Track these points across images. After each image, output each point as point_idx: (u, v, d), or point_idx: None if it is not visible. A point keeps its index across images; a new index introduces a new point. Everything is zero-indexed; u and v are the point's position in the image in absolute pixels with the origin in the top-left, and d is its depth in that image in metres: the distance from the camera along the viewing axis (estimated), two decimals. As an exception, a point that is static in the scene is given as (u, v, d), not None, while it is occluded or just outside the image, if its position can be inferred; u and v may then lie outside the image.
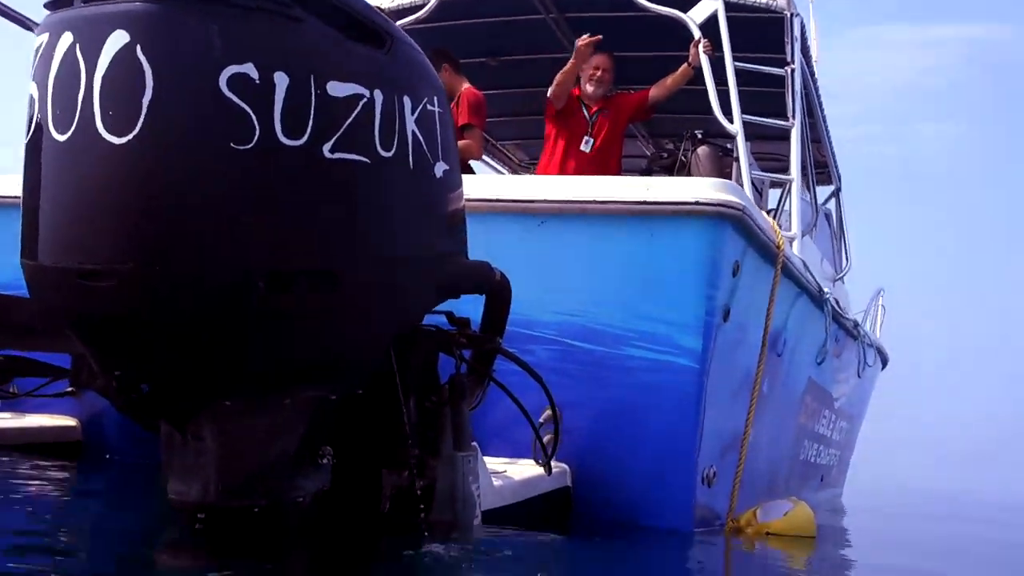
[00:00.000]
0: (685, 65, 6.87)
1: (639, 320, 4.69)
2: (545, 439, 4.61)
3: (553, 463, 4.26)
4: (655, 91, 7.28)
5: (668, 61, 6.99)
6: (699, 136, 7.50)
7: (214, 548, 2.91)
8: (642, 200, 4.60)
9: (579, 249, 4.79)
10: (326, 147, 2.58)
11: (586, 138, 7.05)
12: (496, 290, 3.46)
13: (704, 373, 4.66)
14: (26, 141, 2.56)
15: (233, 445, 2.79)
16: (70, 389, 5.41)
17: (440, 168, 3.02)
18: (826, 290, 7.01)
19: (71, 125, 2.42)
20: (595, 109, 7.14)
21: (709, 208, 4.52)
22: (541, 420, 4.66)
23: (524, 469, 4.51)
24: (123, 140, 2.36)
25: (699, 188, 4.57)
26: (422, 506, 3.37)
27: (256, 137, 2.46)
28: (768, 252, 5.22)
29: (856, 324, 8.57)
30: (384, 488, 3.33)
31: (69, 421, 5.47)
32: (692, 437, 4.62)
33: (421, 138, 2.91)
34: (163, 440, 2.94)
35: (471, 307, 3.45)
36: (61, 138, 2.44)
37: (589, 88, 7.14)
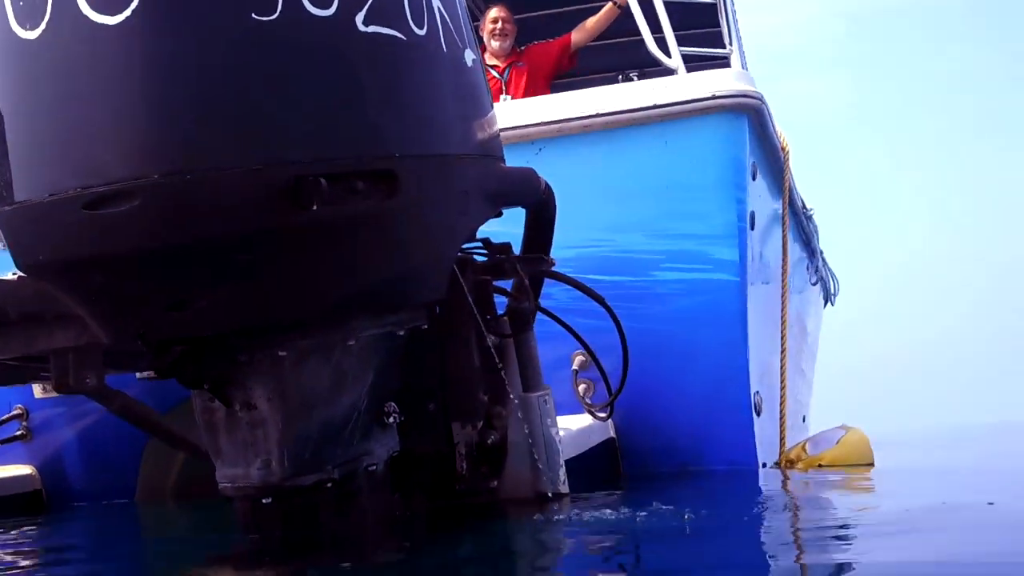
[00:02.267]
0: (610, 4, 6.53)
1: (665, 239, 4.37)
2: (582, 388, 4.26)
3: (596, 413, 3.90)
4: (576, 35, 6.92)
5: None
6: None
7: (281, 538, 2.45)
8: (651, 104, 4.28)
9: (586, 172, 4.43)
10: (358, 18, 2.18)
11: (503, 97, 6.64)
12: (543, 202, 3.09)
13: (744, 287, 4.37)
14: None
15: (295, 407, 2.34)
16: (19, 433, 4.90)
17: (469, 57, 2.65)
18: (810, 206, 6.84)
19: (42, 15, 1.96)
20: (505, 65, 6.77)
21: (728, 102, 4.22)
22: (575, 367, 4.32)
23: (563, 422, 4.12)
24: (118, 19, 1.94)
25: (718, 80, 4.26)
26: (497, 460, 2.98)
27: (280, 6, 2.03)
28: (775, 156, 4.97)
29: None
30: (457, 445, 2.91)
31: (24, 469, 4.85)
32: (743, 361, 4.32)
33: (448, 20, 2.53)
34: (202, 421, 2.48)
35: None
36: (29, 35, 1.99)
37: (494, 44, 6.76)
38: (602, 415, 3.81)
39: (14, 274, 2.68)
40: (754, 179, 4.55)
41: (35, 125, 2.03)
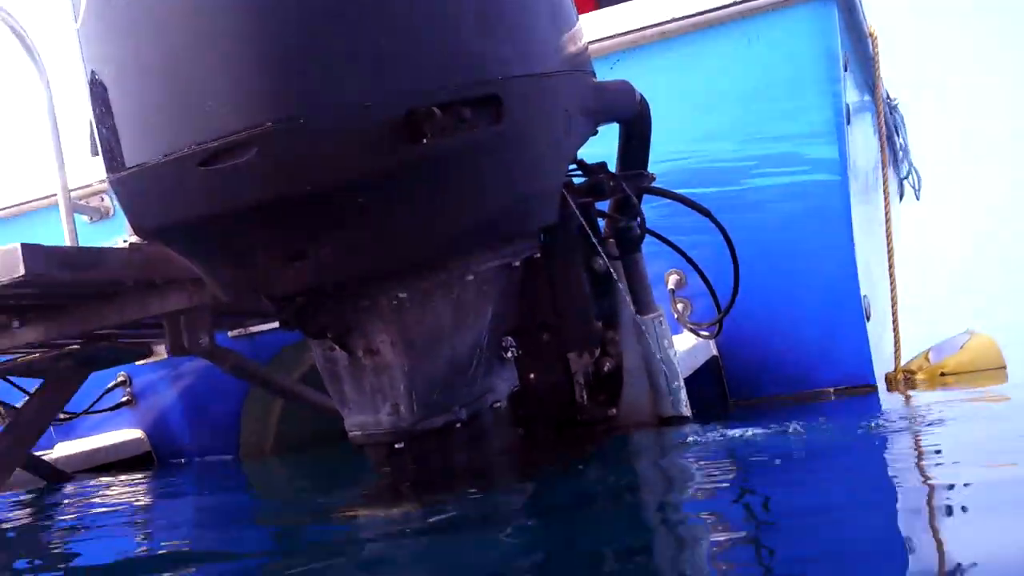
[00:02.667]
0: None
1: (756, 144, 4.24)
2: (680, 307, 4.20)
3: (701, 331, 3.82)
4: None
5: None
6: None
7: (415, 481, 2.47)
8: (731, 1, 4.10)
9: (665, 82, 4.29)
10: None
11: None
12: (639, 115, 3.00)
13: (846, 186, 4.22)
14: (78, 26, 2.06)
15: (420, 349, 2.33)
16: (124, 399, 5.04)
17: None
18: (895, 97, 6.60)
19: (141, -27, 1.92)
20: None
21: (813, -13, 4.02)
22: (671, 286, 4.25)
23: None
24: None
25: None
26: (614, 387, 2.95)
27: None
28: (864, 44, 4.76)
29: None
30: (575, 375, 2.89)
31: (133, 433, 5.00)
32: (851, 267, 4.19)
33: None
34: (324, 371, 2.48)
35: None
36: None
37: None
38: (706, 334, 3.75)
39: (124, 241, 2.71)
40: (846, 70, 4.38)
41: (142, 86, 2.01)
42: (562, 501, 2.32)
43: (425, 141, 2.05)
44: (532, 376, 2.79)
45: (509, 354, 2.67)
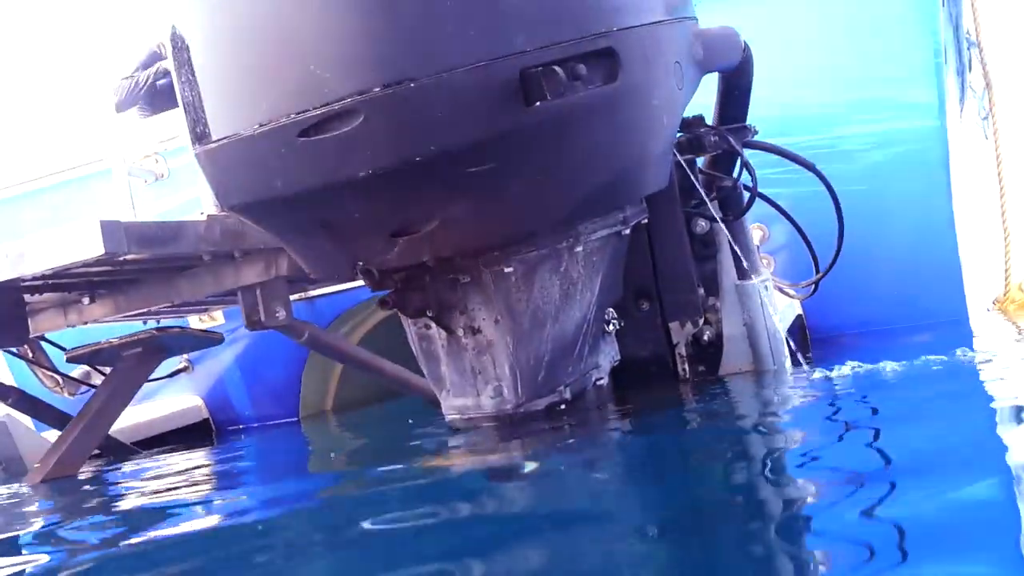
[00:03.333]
0: None
1: (848, 89, 4.04)
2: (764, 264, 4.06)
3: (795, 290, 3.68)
4: None
5: None
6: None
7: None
8: (821, -65, 3.90)
9: (750, 26, 4.09)
10: None
11: None
12: (743, 65, 2.83)
13: (944, 131, 4.03)
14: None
15: (526, 326, 2.22)
16: (181, 366, 5.00)
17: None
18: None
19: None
20: None
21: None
22: (756, 242, 4.11)
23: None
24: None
25: None
26: (715, 357, 2.84)
27: None
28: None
29: None
30: (676, 345, 2.78)
31: (192, 400, 4.97)
32: (947, 210, 4.01)
33: None
34: (419, 351, 2.38)
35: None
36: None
37: None
38: (795, 294, 3.61)
39: (201, 213, 2.61)
40: (942, 6, 4.17)
41: (235, 50, 1.89)
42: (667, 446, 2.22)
43: (539, 104, 1.91)
44: (630, 348, 2.68)
45: (611, 327, 2.56)
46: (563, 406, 2.38)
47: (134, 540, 2.15)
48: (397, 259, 2.08)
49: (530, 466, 2.07)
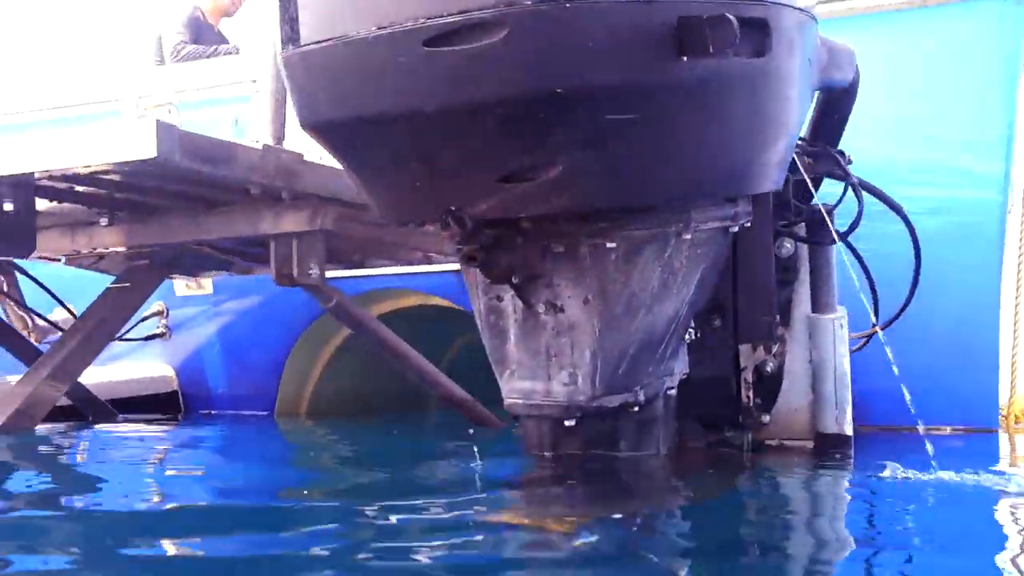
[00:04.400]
0: None
1: (912, 147, 3.91)
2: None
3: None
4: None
5: None
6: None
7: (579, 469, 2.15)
8: (903, -11, 3.78)
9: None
10: None
11: None
12: (851, 87, 2.68)
13: (1005, 208, 3.90)
14: None
15: (618, 311, 2.01)
16: (158, 331, 4.68)
17: None
18: None
19: None
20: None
21: (997, -21, 3.70)
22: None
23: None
24: None
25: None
26: (772, 392, 2.65)
27: None
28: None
29: None
30: (743, 370, 2.58)
31: (163, 370, 4.64)
32: (994, 303, 3.85)
33: None
34: (485, 324, 2.15)
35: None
36: None
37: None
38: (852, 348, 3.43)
39: (257, 142, 2.37)
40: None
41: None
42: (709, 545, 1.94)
43: (689, 59, 1.72)
44: (695, 365, 2.47)
45: (687, 336, 2.35)
46: (636, 408, 2.16)
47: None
48: (498, 209, 1.85)
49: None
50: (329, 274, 4.27)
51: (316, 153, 2.53)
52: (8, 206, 2.30)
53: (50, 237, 2.72)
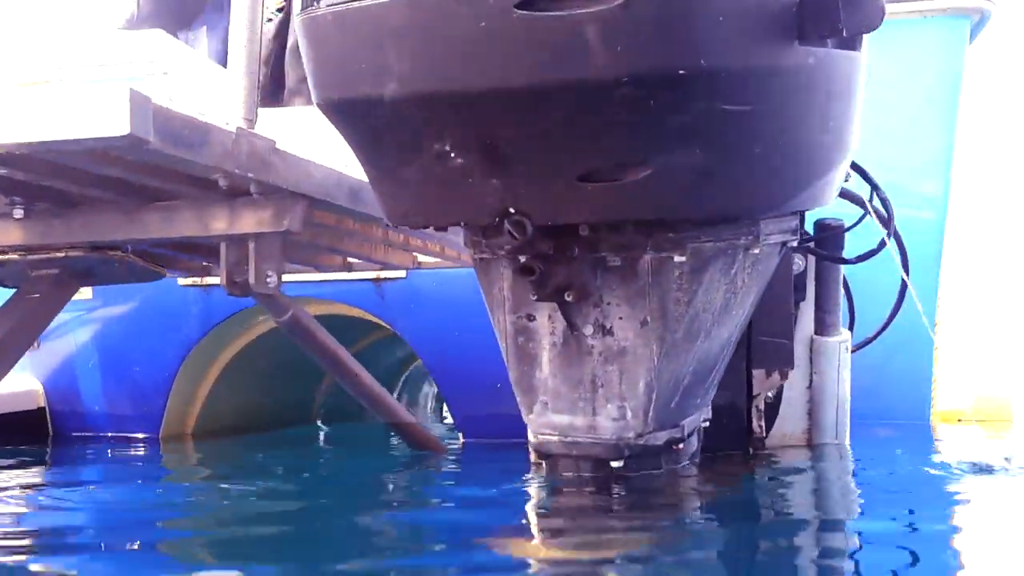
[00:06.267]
0: None
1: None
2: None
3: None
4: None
5: None
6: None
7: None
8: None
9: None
10: None
11: None
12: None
13: (942, 228, 3.90)
14: None
15: (678, 334, 1.74)
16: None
17: None
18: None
19: None
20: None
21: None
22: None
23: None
24: None
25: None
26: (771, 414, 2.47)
27: None
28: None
29: None
30: (756, 397, 2.37)
31: (27, 382, 4.05)
32: (930, 312, 3.85)
33: None
34: (511, 346, 1.84)
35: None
36: None
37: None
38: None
39: (228, 124, 1.96)
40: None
41: None
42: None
43: (807, 45, 1.48)
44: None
45: (716, 361, 2.11)
46: (680, 445, 1.89)
47: None
48: (567, 213, 1.55)
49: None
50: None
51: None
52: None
53: (-61, 230, 2.22)
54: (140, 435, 4.14)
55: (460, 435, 3.72)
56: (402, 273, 3.74)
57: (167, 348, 4.09)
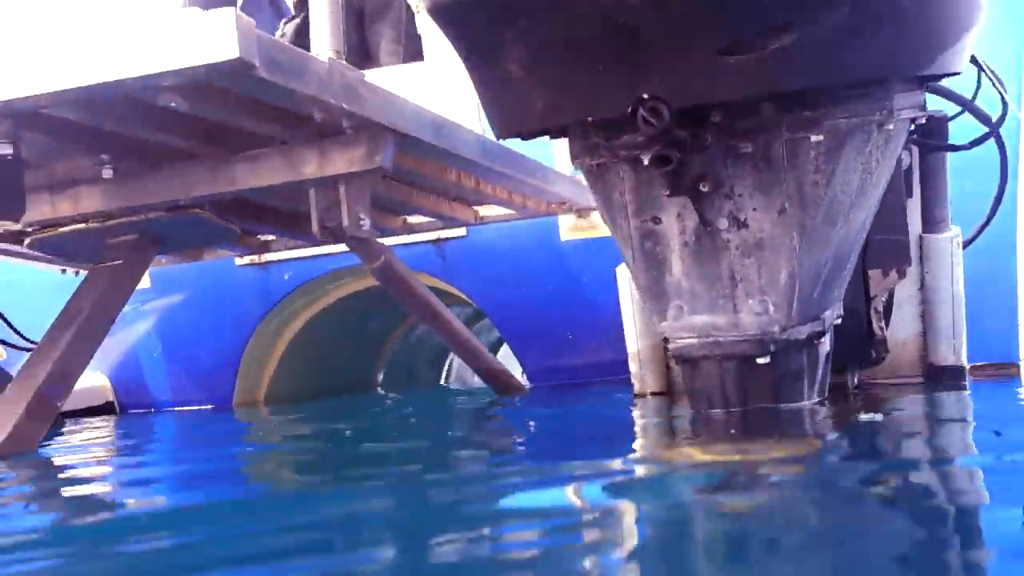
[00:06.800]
0: None
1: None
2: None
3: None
4: None
5: None
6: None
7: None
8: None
9: None
10: None
11: None
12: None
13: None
14: None
15: (816, 219, 1.67)
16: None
17: None
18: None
19: None
20: None
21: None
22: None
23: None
24: None
25: None
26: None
27: None
28: None
29: None
30: (873, 299, 2.30)
31: (95, 379, 4.04)
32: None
33: None
34: (639, 252, 1.78)
35: None
36: None
37: None
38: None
39: (318, 55, 1.90)
40: None
41: None
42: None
43: None
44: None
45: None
46: (822, 339, 1.83)
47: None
48: (707, 91, 1.49)
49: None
50: (288, 254, 3.81)
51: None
52: (5, 150, 1.75)
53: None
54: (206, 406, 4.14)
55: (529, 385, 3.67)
56: (462, 231, 3.69)
57: (231, 330, 4.06)
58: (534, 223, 3.61)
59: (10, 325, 3.39)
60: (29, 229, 2.40)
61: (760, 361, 1.74)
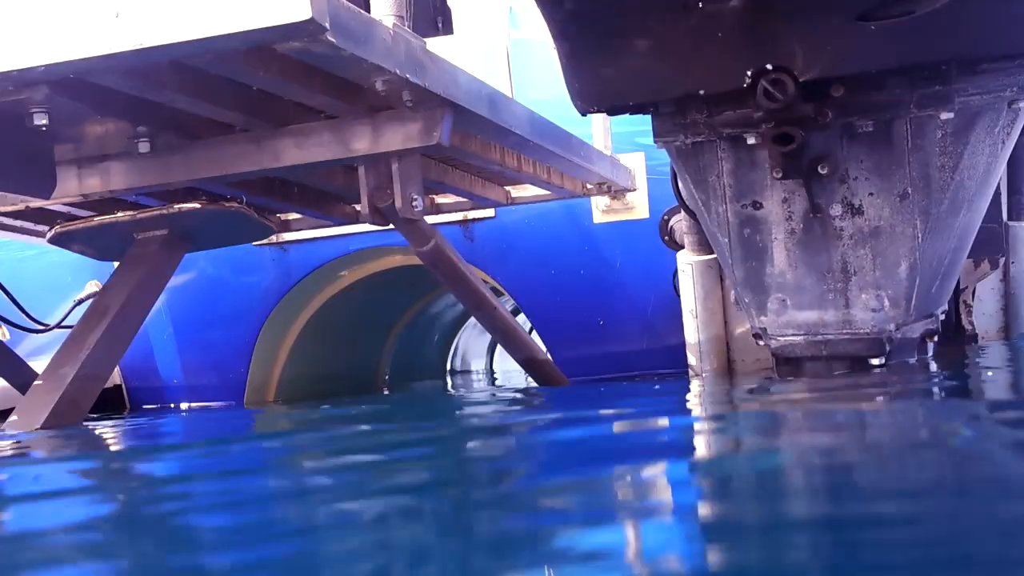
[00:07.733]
0: None
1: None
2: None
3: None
4: None
5: None
6: None
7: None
8: None
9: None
10: None
11: None
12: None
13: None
14: None
15: (941, 205, 1.53)
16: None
17: None
18: None
19: None
20: None
21: None
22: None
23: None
24: None
25: None
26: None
27: None
28: None
29: None
30: (963, 292, 2.17)
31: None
32: None
33: None
34: (738, 244, 1.63)
35: None
36: None
37: None
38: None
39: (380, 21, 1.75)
40: None
41: None
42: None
43: None
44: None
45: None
46: (935, 337, 1.70)
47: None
48: (842, 62, 1.34)
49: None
50: (307, 234, 3.65)
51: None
52: (41, 119, 1.59)
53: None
54: (220, 404, 3.99)
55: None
56: (491, 212, 3.54)
57: (247, 312, 3.91)
58: (566, 204, 3.47)
59: (18, 305, 3.23)
60: (57, 210, 2.25)
61: (874, 362, 1.60)
